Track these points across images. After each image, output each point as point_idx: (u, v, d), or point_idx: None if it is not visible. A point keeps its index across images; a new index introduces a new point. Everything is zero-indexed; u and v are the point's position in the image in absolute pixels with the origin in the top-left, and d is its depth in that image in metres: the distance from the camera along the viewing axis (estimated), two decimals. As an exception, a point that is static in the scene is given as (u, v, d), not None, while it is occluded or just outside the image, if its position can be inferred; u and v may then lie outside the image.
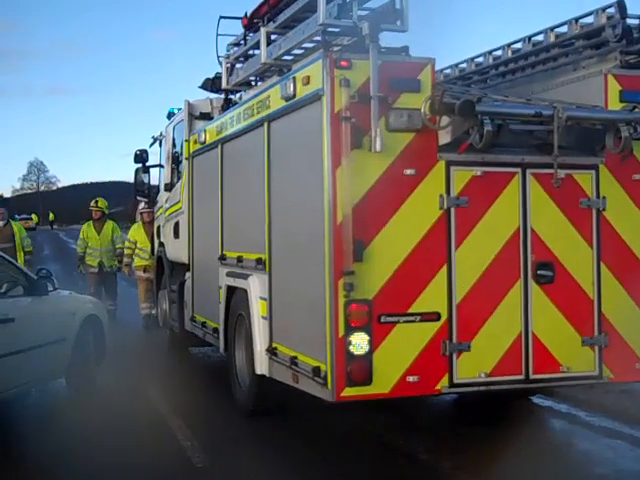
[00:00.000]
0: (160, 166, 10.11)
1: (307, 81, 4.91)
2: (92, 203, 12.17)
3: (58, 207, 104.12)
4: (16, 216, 78.58)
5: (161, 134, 10.11)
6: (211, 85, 8.24)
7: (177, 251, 8.76)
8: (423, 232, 4.85)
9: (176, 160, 9.08)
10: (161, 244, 9.73)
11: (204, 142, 7.55)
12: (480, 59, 6.60)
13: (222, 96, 8.35)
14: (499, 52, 6.37)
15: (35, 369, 6.17)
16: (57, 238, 51.13)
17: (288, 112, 5.33)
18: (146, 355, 9.29)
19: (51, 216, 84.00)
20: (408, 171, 4.81)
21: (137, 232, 11.90)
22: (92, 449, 5.30)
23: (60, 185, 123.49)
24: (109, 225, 12.17)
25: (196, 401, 6.76)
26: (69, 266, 23.84)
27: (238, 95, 7.87)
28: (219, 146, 7.06)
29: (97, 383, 7.21)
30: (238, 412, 6.35)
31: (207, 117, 8.34)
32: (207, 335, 7.52)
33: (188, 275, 8.39)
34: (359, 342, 4.66)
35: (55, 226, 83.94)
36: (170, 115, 9.65)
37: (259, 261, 5.85)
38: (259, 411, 6.11)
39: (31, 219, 76.94)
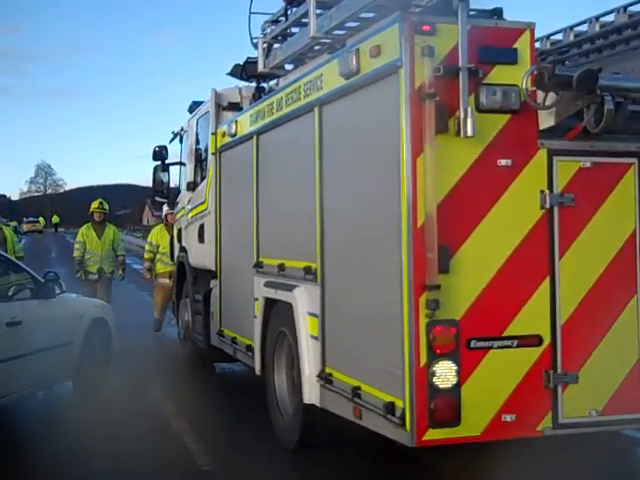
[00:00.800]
0: (181, 164, 9.23)
1: (377, 52, 4.02)
2: (96, 204, 10.84)
3: (65, 210, 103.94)
4: (24, 219, 79.19)
5: (182, 129, 9.23)
6: (241, 72, 7.35)
7: (202, 257, 7.87)
8: (521, 237, 3.93)
9: (200, 156, 8.21)
10: (182, 249, 8.80)
11: (235, 134, 6.67)
12: (558, 36, 5.71)
13: (252, 84, 7.50)
14: (583, 27, 5.48)
15: (42, 372, 6.13)
16: (64, 241, 50.83)
17: (348, 92, 4.43)
18: (153, 358, 9.14)
19: (55, 219, 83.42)
20: (502, 161, 3.91)
21: (160, 235, 11.01)
22: (98, 452, 5.27)
23: (67, 188, 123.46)
24: (110, 229, 10.99)
25: (202, 404, 6.74)
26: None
27: (272, 83, 6.98)
28: (254, 138, 6.17)
29: (104, 386, 7.11)
30: (245, 413, 6.44)
31: (236, 107, 7.46)
32: (238, 353, 6.63)
33: (214, 283, 7.52)
34: (445, 373, 3.77)
35: (61, 229, 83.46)
36: (192, 108, 8.75)
37: (308, 270, 4.96)
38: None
39: (38, 222, 76.82)
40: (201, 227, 7.83)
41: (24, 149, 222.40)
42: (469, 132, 3.74)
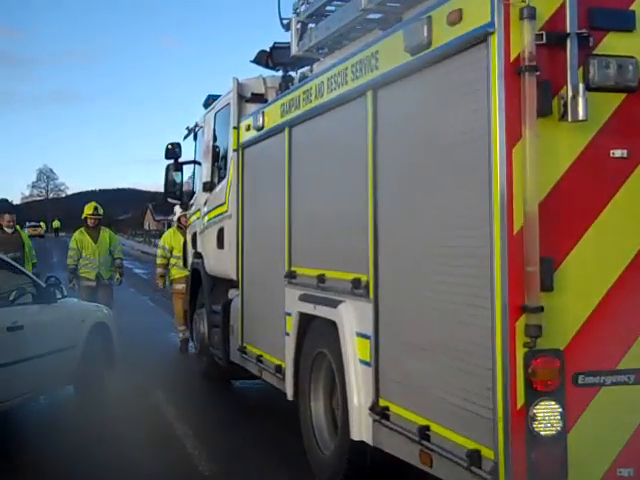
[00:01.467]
0: (196, 162, 8.46)
1: (458, 18, 3.26)
2: (90, 210, 10.20)
3: (67, 214, 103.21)
4: (26, 223, 78.59)
5: (197, 125, 8.50)
6: (267, 58, 6.60)
7: (221, 264, 7.10)
8: (639, 245, 3.20)
9: (218, 154, 7.46)
10: (198, 255, 8.02)
11: (261, 127, 5.92)
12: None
13: (278, 74, 6.76)
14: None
15: (44, 376, 6.13)
16: (65, 245, 49.94)
17: (414, 71, 3.67)
18: (154, 362, 8.98)
19: (56, 223, 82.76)
20: (617, 152, 3.14)
21: (174, 238, 10.30)
22: (99, 456, 5.27)
23: (69, 192, 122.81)
24: (106, 233, 10.39)
25: (203, 409, 6.73)
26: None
27: (304, 70, 6.22)
28: (285, 131, 5.42)
29: (105, 390, 7.12)
30: (245, 418, 6.52)
31: (260, 99, 6.73)
32: (265, 373, 5.86)
33: (235, 294, 6.77)
34: (548, 416, 3.00)
35: (63, 233, 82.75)
36: (208, 102, 8.01)
37: (357, 283, 4.19)
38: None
39: (40, 226, 76.15)
40: (220, 231, 7.07)
41: (26, 153, 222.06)
42: (580, 115, 2.99)
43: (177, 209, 10.36)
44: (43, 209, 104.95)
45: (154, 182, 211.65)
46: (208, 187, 7.53)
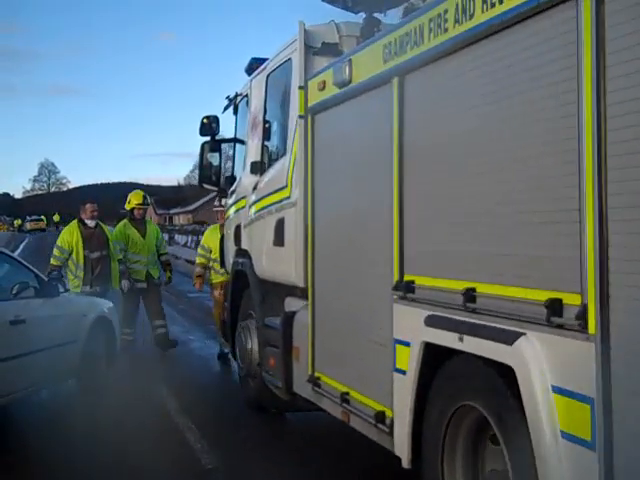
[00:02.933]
0: (237, 141, 6.88)
1: None
2: (138, 199, 8.90)
3: (68, 208, 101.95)
4: (27, 217, 77.59)
5: (238, 95, 6.83)
6: None
7: (279, 265, 5.51)
8: None
9: (271, 126, 5.88)
10: (242, 253, 6.39)
11: (348, 82, 4.30)
12: None
13: (355, 16, 5.17)
14: None
15: (46, 370, 6.13)
16: None
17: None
18: (156, 356, 8.92)
19: (57, 217, 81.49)
20: None
21: (213, 237, 8.72)
22: (101, 450, 5.25)
23: (71, 186, 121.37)
24: (152, 226, 9.26)
25: (206, 402, 6.71)
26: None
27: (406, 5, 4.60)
28: (393, 82, 3.80)
29: (107, 384, 7.13)
30: (247, 412, 6.36)
31: (332, 51, 5.13)
32: (355, 419, 4.24)
33: (298, 305, 5.21)
34: None
35: (62, 227, 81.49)
36: (253, 66, 6.39)
37: (555, 307, 2.61)
38: None
39: (42, 220, 74.88)
40: (279, 223, 5.44)
41: (28, 147, 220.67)
42: None
43: (216, 203, 9.02)
44: (45, 203, 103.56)
45: (156, 176, 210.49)
46: (258, 168, 5.95)
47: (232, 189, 6.86)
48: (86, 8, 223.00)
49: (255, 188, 6.02)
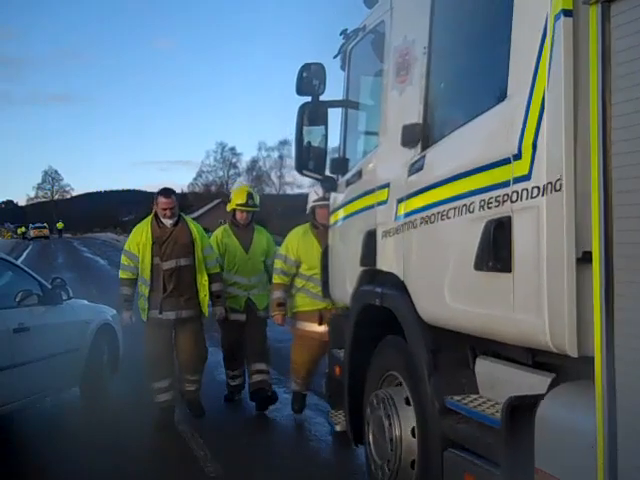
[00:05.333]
0: (349, 105, 4.74)
1: None
2: (241, 196, 6.35)
3: (72, 216, 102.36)
4: (30, 225, 77.77)
5: (358, 32, 4.55)
6: None
7: (493, 307, 2.89)
8: None
9: (445, 63, 3.55)
10: (382, 279, 3.95)
11: None
12: None
13: None
14: None
15: (49, 378, 6.13)
16: (71, 246, 49.82)
17: None
18: None
19: (60, 225, 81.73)
20: None
21: (303, 244, 6.00)
22: (103, 457, 5.23)
23: (74, 194, 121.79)
24: (262, 235, 6.57)
25: (209, 411, 6.51)
26: (83, 275, 22.16)
27: None
28: None
29: (110, 392, 7.10)
30: (251, 421, 6.32)
31: None
32: None
33: (541, 384, 2.74)
34: None
35: (68, 234, 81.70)
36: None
37: None
38: None
39: (45, 227, 75.01)
40: (499, 228, 2.81)
41: (31, 155, 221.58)
42: None
43: (312, 195, 6.04)
44: (48, 210, 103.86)
45: (157, 184, 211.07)
46: (417, 135, 3.53)
47: (350, 176, 4.49)
48: (84, 15, 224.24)
49: (415, 169, 3.51)
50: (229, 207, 6.62)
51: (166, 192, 6.07)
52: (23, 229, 77.72)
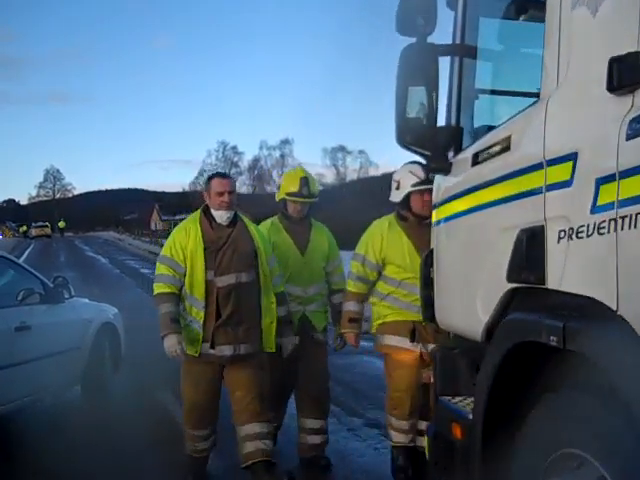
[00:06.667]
0: (469, 52, 3.21)
1: None
2: (294, 183, 4.78)
3: (74, 214, 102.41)
4: (31, 224, 77.73)
5: None
6: None
7: None
8: None
9: None
10: (563, 306, 2.35)
11: None
12: None
13: None
14: None
15: (51, 377, 6.09)
16: (72, 245, 49.83)
17: None
18: (161, 363, 7.78)
19: (61, 224, 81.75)
20: None
21: (387, 239, 4.53)
22: (105, 456, 5.22)
23: (76, 192, 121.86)
24: (322, 233, 4.99)
25: None
26: (85, 273, 22.20)
27: None
28: None
29: (112, 391, 7.06)
30: None
31: None
32: None
33: None
34: None
35: (69, 233, 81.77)
36: None
37: None
38: None
39: (47, 226, 75.06)
40: None
41: (33, 154, 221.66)
42: None
43: (407, 176, 4.47)
44: (50, 209, 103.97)
45: (158, 182, 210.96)
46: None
47: (481, 149, 2.95)
48: (84, 15, 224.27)
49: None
50: (278, 196, 4.92)
51: (222, 174, 4.66)
52: (25, 228, 77.85)
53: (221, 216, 4.42)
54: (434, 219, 3.51)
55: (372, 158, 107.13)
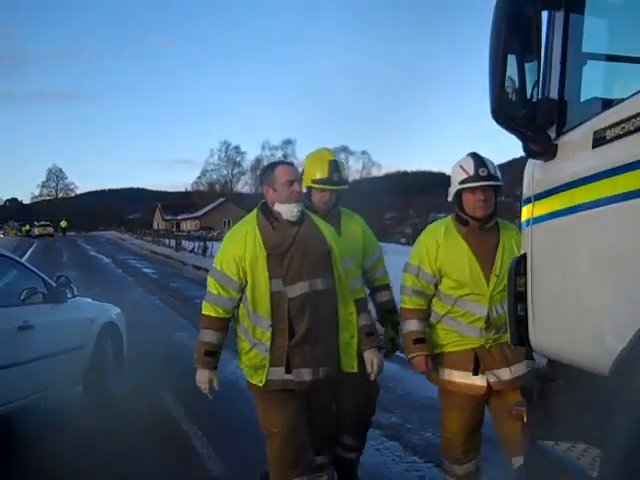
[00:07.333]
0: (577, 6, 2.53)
1: None
2: (319, 167, 4.02)
3: (76, 214, 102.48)
4: (34, 223, 77.81)
5: None
6: None
7: None
8: None
9: None
10: None
11: None
12: None
13: None
14: None
15: (53, 376, 6.13)
16: (75, 244, 49.91)
17: None
18: (163, 363, 8.62)
19: (63, 223, 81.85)
20: None
21: (444, 247, 3.79)
22: (107, 455, 5.23)
23: (78, 192, 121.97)
24: (354, 221, 4.22)
25: (213, 410, 6.28)
26: (88, 273, 22.24)
27: None
28: None
29: (114, 390, 7.08)
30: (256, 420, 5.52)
31: None
32: None
33: None
34: None
35: (72, 233, 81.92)
36: None
37: None
38: None
39: (50, 225, 75.23)
40: None
41: (36, 153, 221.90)
42: None
43: (458, 171, 3.77)
44: (53, 209, 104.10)
45: (160, 182, 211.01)
46: None
47: (611, 121, 2.24)
48: (88, 13, 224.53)
49: None
50: (305, 183, 4.10)
51: (285, 161, 4.07)
52: (27, 227, 78.01)
53: (291, 210, 3.62)
54: (526, 216, 2.76)
55: (375, 159, 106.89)
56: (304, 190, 4.07)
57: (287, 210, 3.62)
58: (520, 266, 2.75)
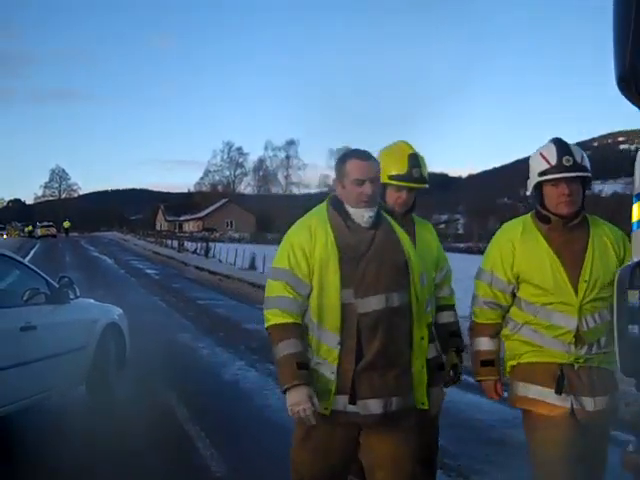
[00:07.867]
0: None
1: None
2: (400, 161, 3.52)
3: (79, 215, 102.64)
4: (37, 224, 78.00)
5: None
6: None
7: None
8: None
9: None
10: None
11: None
12: None
13: None
14: None
15: (56, 377, 6.14)
16: (78, 245, 49.98)
17: None
18: (166, 363, 8.71)
19: (66, 224, 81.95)
20: None
21: (522, 249, 3.24)
22: (110, 456, 5.23)
23: (81, 192, 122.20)
24: (427, 229, 3.68)
25: (216, 410, 6.62)
26: (90, 273, 22.23)
27: None
28: None
29: (117, 391, 7.11)
30: (259, 421, 6.17)
31: None
32: None
33: None
34: None
35: (74, 233, 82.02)
36: None
37: None
38: None
39: (52, 226, 75.34)
40: None
41: (39, 154, 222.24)
42: None
43: (539, 161, 3.18)
44: (56, 209, 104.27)
45: (163, 183, 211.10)
46: None
47: None
48: (90, 12, 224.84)
49: None
50: (383, 180, 3.41)
51: (362, 152, 3.10)
52: (30, 228, 78.12)
53: (361, 216, 3.04)
54: (638, 216, 2.21)
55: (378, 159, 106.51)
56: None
57: (357, 215, 3.05)
58: (634, 277, 2.12)
